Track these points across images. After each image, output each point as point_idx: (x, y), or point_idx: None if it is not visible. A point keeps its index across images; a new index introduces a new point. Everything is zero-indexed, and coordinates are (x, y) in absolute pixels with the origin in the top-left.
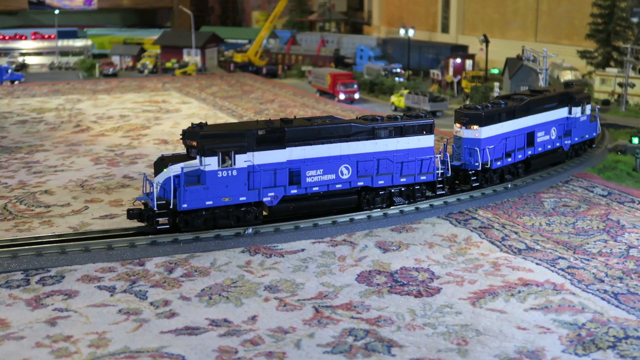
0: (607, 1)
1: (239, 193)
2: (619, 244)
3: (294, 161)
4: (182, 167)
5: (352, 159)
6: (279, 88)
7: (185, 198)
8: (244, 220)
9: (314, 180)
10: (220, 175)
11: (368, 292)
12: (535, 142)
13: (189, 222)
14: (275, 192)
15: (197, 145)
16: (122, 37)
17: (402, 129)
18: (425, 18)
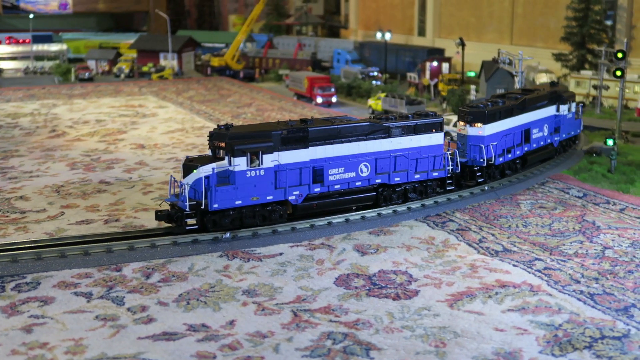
0: (582, 4)
1: (266, 192)
2: (594, 244)
3: (317, 160)
4: (214, 167)
5: (371, 157)
6: (256, 92)
7: (216, 198)
8: (270, 219)
9: (336, 178)
10: (248, 175)
11: (346, 296)
12: (531, 139)
13: (216, 222)
14: (300, 190)
15: (225, 146)
16: (97, 41)
17: (415, 127)
18: (401, 21)
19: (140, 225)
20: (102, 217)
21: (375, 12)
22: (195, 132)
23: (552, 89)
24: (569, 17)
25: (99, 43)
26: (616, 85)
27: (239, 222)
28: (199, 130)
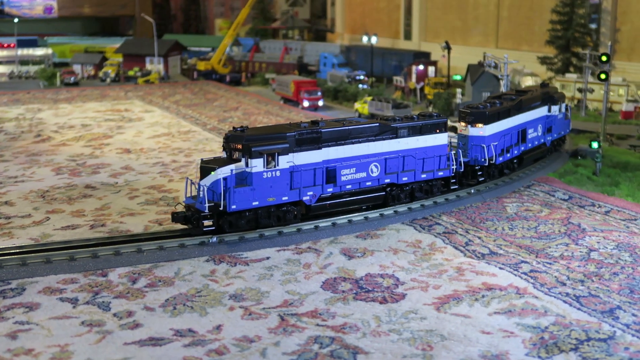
0: (566, 8)
1: (281, 193)
2: (580, 247)
3: (329, 161)
4: (232, 169)
5: (381, 157)
6: (242, 96)
7: (234, 199)
8: (284, 219)
9: (348, 178)
10: (265, 177)
11: (333, 300)
12: (527, 139)
13: (232, 223)
14: (314, 191)
15: (242, 148)
16: (83, 46)
17: (421, 127)
18: (388, 25)
19: (127, 230)
20: (88, 222)
21: (361, 16)
22: (181, 137)
23: (544, 90)
24: (553, 21)
25: (85, 47)
26: (601, 88)
27: (255, 223)
28: (185, 134)
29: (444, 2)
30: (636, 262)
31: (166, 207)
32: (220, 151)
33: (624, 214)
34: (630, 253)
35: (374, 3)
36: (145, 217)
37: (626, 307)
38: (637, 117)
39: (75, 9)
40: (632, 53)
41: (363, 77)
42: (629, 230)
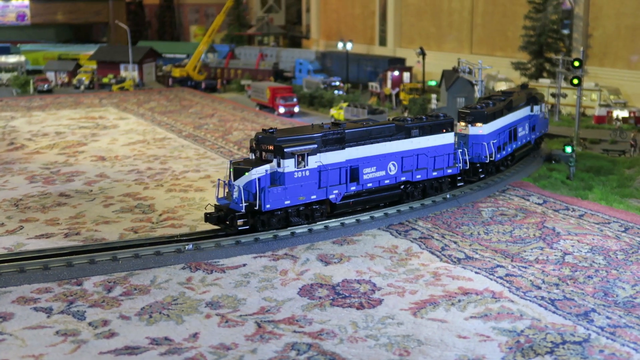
0: (539, 14)
1: (311, 192)
2: (554, 251)
3: (352, 160)
4: (267, 169)
5: (398, 156)
6: (218, 102)
7: (268, 199)
8: (312, 217)
9: (369, 177)
10: (296, 176)
11: (310, 306)
12: (518, 137)
13: (265, 222)
14: (339, 189)
15: (274, 149)
16: (56, 53)
17: (431, 127)
18: (363, 31)
19: (102, 238)
20: (62, 231)
21: (336, 23)
22: (156, 144)
23: (527, 90)
24: (526, 27)
25: (58, 54)
26: (574, 93)
27: (285, 222)
28: (160, 141)
29: (418, 9)
30: (610, 265)
31: (141, 215)
32: (196, 158)
33: (598, 217)
34: (604, 256)
35: (348, 9)
36: (121, 225)
37: (600, 309)
38: (609, 121)
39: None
40: (604, 58)
41: (339, 83)
42: (602, 233)
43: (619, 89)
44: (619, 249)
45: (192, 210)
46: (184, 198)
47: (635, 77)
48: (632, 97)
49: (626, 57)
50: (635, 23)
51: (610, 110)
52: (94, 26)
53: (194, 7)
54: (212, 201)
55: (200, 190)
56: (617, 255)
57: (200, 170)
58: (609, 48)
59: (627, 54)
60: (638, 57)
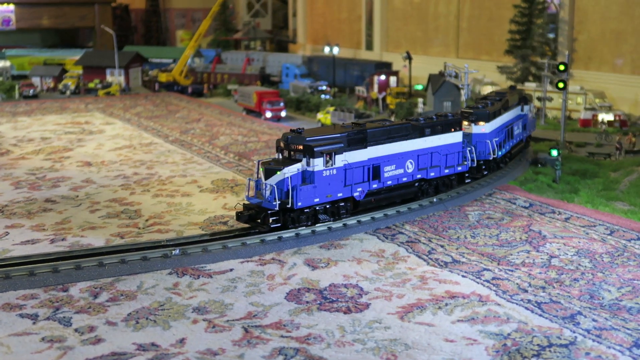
0: (524, 18)
1: (337, 190)
2: (541, 254)
3: (373, 159)
4: (299, 168)
5: (414, 154)
6: (204, 107)
7: (299, 197)
8: (338, 214)
9: (390, 175)
10: (324, 175)
11: (297, 310)
12: (514, 135)
13: (295, 220)
14: (362, 187)
15: (304, 149)
16: (42, 58)
17: (442, 126)
18: (349, 36)
19: (88, 244)
20: (48, 237)
21: (323, 27)
22: (143, 149)
23: (517, 91)
24: (512, 31)
25: (44, 59)
26: (559, 97)
27: (314, 219)
28: (146, 146)
29: (404, 13)
30: (596, 267)
31: (128, 220)
32: (183, 163)
33: (584, 220)
34: (590, 259)
35: (335, 14)
36: (107, 231)
37: (586, 312)
38: (595, 124)
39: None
40: (589, 62)
41: (325, 88)
42: (588, 236)
43: (604, 92)
44: (605, 251)
45: (179, 215)
46: (171, 203)
47: (620, 81)
48: (617, 101)
49: (611, 61)
50: (619, 27)
51: (595, 114)
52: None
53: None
54: (198, 206)
55: (187, 195)
56: (603, 258)
57: (187, 175)
58: (594, 52)
59: (612, 57)
60: (623, 60)
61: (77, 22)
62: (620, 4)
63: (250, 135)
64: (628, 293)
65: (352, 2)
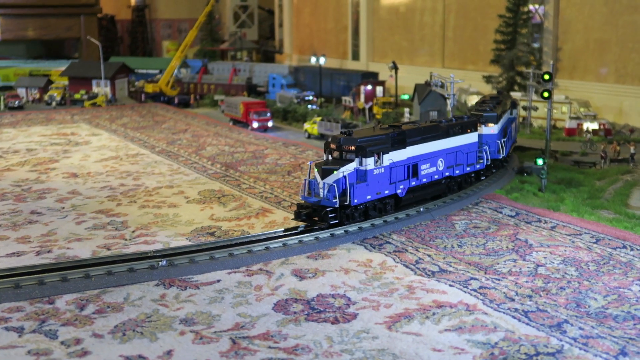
0: (509, 28)
1: (385, 187)
2: (527, 262)
3: (412, 157)
4: (355, 167)
5: (443, 153)
6: (191, 118)
7: (355, 194)
8: (384, 210)
9: (425, 172)
10: (375, 173)
11: (285, 321)
12: (512, 135)
13: (349, 216)
14: (404, 184)
15: (356, 149)
16: (27, 69)
17: (462, 126)
18: (335, 46)
19: (74, 255)
20: (34, 249)
21: (309, 37)
22: (129, 160)
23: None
24: (497, 41)
25: (29, 70)
26: (545, 106)
27: (364, 215)
28: (133, 157)
29: (390, 23)
30: (582, 276)
31: (114, 232)
32: (170, 173)
33: (569, 229)
34: (576, 267)
35: (321, 24)
36: (93, 242)
37: (573, 320)
38: (580, 133)
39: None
40: (573, 71)
41: (312, 98)
42: (574, 245)
43: (589, 101)
44: (591, 260)
45: (166, 226)
46: (158, 214)
47: (605, 90)
48: (601, 110)
49: (595, 70)
50: (603, 37)
51: (580, 123)
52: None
53: (167, 22)
54: (185, 217)
55: (173, 206)
56: (589, 266)
57: (174, 186)
58: (579, 61)
59: (596, 67)
60: (607, 70)
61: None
62: (603, 14)
63: (237, 146)
64: (614, 301)
65: (338, 13)
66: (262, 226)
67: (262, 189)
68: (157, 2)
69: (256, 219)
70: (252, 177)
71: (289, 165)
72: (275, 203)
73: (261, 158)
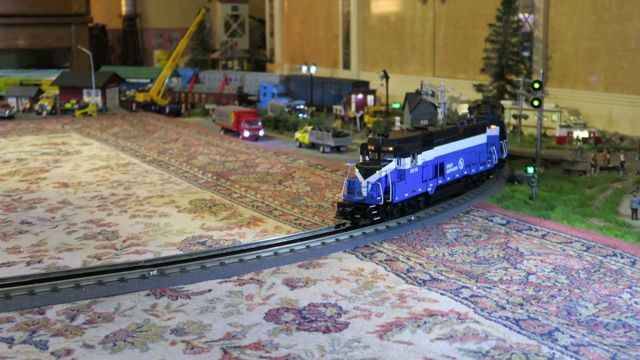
0: (499, 37)
1: (418, 185)
2: (518, 271)
3: (439, 157)
4: (396, 167)
5: (462, 153)
6: (182, 127)
7: (396, 192)
8: (418, 207)
9: (450, 171)
10: (411, 172)
11: (276, 331)
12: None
13: (389, 213)
14: (433, 182)
15: (395, 150)
16: (18, 78)
17: (475, 129)
18: (326, 55)
19: (65, 265)
20: (24, 259)
21: (300, 46)
22: (120, 169)
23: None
24: (487, 49)
25: (20, 80)
26: (535, 115)
27: (400, 212)
28: (124, 167)
29: (381, 32)
30: (572, 284)
31: (105, 241)
32: (160, 183)
33: (560, 237)
34: (567, 275)
35: (312, 33)
36: (84, 252)
37: (564, 328)
38: (570, 142)
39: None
40: (563, 80)
41: (303, 107)
42: (564, 253)
43: (579, 109)
44: (581, 268)
45: (157, 235)
46: (149, 224)
47: (594, 98)
48: (591, 118)
49: (585, 79)
50: (592, 46)
51: (570, 131)
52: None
53: (158, 31)
54: (176, 226)
55: (164, 216)
56: (580, 274)
57: (165, 195)
58: (568, 70)
59: (585, 75)
60: (596, 78)
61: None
62: (592, 22)
63: (228, 155)
64: (605, 309)
65: (329, 22)
66: (254, 235)
67: (253, 198)
68: (148, 11)
69: (247, 228)
70: (243, 186)
71: (280, 174)
72: (267, 212)
73: (252, 167)
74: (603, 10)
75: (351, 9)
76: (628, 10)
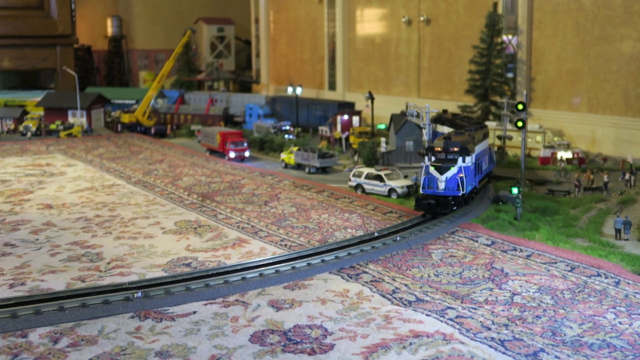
0: (483, 59)
1: (473, 180)
2: (503, 291)
3: (476, 155)
4: (462, 165)
5: (484, 153)
6: (168, 148)
7: (466, 186)
8: (471, 198)
9: (484, 168)
10: (471, 169)
11: (262, 353)
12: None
13: (459, 203)
14: (477, 178)
15: (460, 150)
16: (2, 100)
17: (486, 133)
18: (312, 76)
19: (48, 288)
20: (7, 282)
21: (285, 67)
22: (105, 190)
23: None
24: (472, 71)
25: (4, 101)
26: (519, 135)
27: (465, 201)
28: (109, 188)
29: (366, 54)
30: (557, 304)
31: (89, 263)
32: (146, 204)
33: (545, 257)
34: (552, 296)
35: (297, 54)
36: (68, 274)
37: (549, 349)
38: (554, 162)
39: None
40: (547, 101)
41: (289, 128)
42: (549, 273)
43: (562, 130)
44: (566, 288)
45: (142, 257)
46: (133, 245)
47: (578, 119)
48: (575, 139)
49: (568, 100)
50: (575, 67)
51: (554, 152)
52: (41, 72)
53: (143, 52)
54: (161, 248)
55: (149, 237)
56: (564, 294)
57: (150, 216)
58: (552, 91)
59: (569, 96)
60: (579, 99)
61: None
62: (575, 45)
63: (213, 176)
64: (589, 329)
65: (314, 43)
66: (239, 256)
67: (239, 219)
68: (133, 32)
69: (233, 249)
70: (228, 207)
71: (266, 195)
72: (252, 233)
73: (238, 188)
74: (585, 32)
75: (337, 31)
76: (610, 33)
